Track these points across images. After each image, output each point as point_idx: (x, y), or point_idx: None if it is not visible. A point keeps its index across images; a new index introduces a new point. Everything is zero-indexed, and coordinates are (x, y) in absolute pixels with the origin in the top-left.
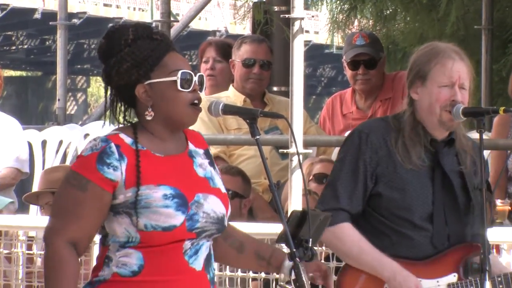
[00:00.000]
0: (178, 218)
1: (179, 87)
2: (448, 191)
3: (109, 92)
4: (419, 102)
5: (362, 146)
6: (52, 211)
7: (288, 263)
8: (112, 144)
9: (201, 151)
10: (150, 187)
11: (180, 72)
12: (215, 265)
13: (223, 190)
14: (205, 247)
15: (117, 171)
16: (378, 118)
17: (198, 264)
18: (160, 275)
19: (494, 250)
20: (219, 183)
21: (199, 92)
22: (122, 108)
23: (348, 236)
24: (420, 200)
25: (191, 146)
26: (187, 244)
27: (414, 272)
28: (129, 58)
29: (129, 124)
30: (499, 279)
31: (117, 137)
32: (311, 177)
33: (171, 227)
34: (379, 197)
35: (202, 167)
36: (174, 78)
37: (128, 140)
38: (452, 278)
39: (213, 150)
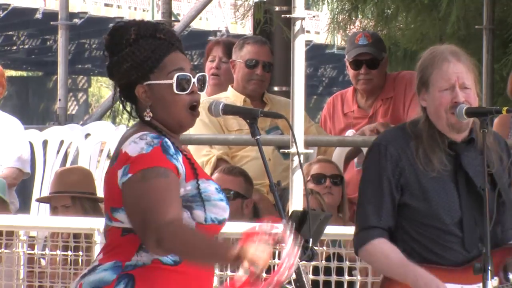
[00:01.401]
0: (227, 211)
1: (175, 90)
2: (474, 194)
3: (112, 89)
4: (428, 109)
5: (382, 160)
6: (144, 211)
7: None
8: (166, 139)
9: None
10: (204, 181)
11: (176, 75)
12: (215, 264)
13: None
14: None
15: (178, 162)
16: (395, 128)
17: None
18: (196, 268)
19: None
20: None
21: (199, 92)
22: (128, 104)
23: (378, 251)
24: (447, 206)
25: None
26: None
27: (452, 279)
28: (129, 58)
29: (141, 122)
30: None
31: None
32: (309, 178)
33: (223, 220)
34: (406, 207)
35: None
36: (170, 81)
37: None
38: (493, 282)
39: (216, 152)
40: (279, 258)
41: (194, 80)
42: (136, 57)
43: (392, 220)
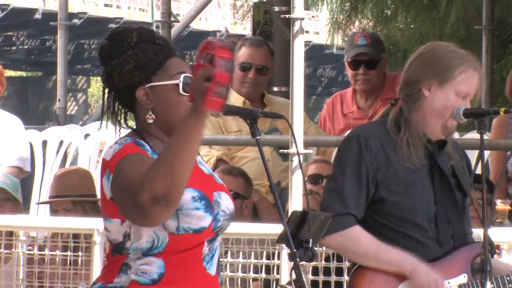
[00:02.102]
0: (206, 220)
1: (180, 91)
2: (447, 191)
3: (106, 95)
4: (429, 100)
5: (363, 151)
6: (126, 177)
7: None
8: (140, 141)
9: None
10: None
11: (182, 75)
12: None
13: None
14: (217, 248)
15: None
16: (372, 122)
17: (213, 269)
18: (179, 283)
19: (504, 250)
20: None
21: None
22: (122, 110)
23: (362, 237)
24: (423, 201)
25: None
26: (205, 250)
27: None
28: (132, 60)
29: (131, 130)
30: (508, 278)
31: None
32: (306, 178)
33: (201, 229)
34: (382, 202)
35: (203, 164)
36: (176, 82)
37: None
38: (462, 278)
39: (215, 152)
40: (278, 259)
41: None
42: (139, 59)
43: (363, 212)
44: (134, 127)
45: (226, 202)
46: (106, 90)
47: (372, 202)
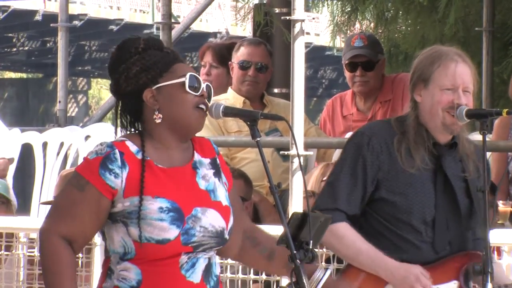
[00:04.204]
0: (171, 232)
1: (187, 88)
2: (450, 196)
3: (118, 104)
4: (422, 105)
5: (364, 149)
6: (50, 208)
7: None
8: (117, 151)
9: (207, 160)
10: (148, 198)
11: (189, 74)
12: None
13: (224, 202)
14: (203, 259)
15: (118, 178)
16: (381, 121)
17: (196, 277)
18: None
19: (496, 255)
20: (221, 195)
21: (206, 100)
22: (129, 119)
23: (345, 235)
24: (422, 204)
25: (196, 157)
26: (183, 258)
27: None
28: (139, 63)
29: (136, 132)
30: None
31: (123, 144)
32: (325, 178)
33: (165, 241)
34: (382, 201)
35: (205, 178)
36: (183, 80)
37: (133, 148)
38: (452, 285)
39: None
40: None
41: (203, 85)
42: (146, 61)
43: (357, 210)
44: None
45: (211, 220)
46: (119, 101)
47: (372, 200)
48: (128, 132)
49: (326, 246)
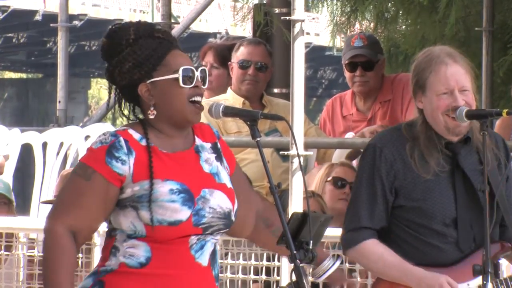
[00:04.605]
0: (184, 213)
1: (181, 84)
2: (470, 193)
3: (113, 92)
4: (424, 111)
5: (377, 161)
6: (56, 199)
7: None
8: (121, 139)
9: (208, 145)
10: (157, 181)
11: (181, 69)
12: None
13: (229, 185)
14: (210, 243)
15: (125, 165)
16: (392, 129)
17: (204, 259)
18: (167, 268)
19: None
20: (224, 178)
21: (202, 87)
22: (128, 105)
23: (371, 252)
24: (443, 206)
25: (197, 141)
26: (193, 239)
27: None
28: (131, 58)
29: (137, 121)
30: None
31: (126, 132)
32: (329, 178)
33: (177, 222)
34: (401, 208)
35: (208, 162)
36: (176, 76)
37: (136, 136)
38: (479, 281)
39: None
40: (278, 261)
41: (197, 73)
42: (137, 56)
43: (384, 222)
44: (141, 117)
45: (219, 201)
46: (112, 86)
47: (393, 208)
48: (130, 121)
49: (358, 263)
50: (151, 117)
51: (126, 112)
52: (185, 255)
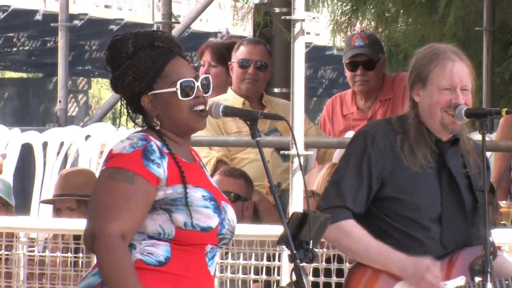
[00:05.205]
0: (214, 220)
1: (180, 97)
2: (455, 192)
3: (120, 101)
4: (421, 104)
5: (368, 147)
6: (95, 210)
7: None
8: (152, 143)
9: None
10: (190, 187)
11: (179, 82)
12: (217, 266)
13: None
14: (217, 255)
15: (160, 168)
16: (383, 120)
17: (212, 268)
18: (185, 270)
19: (505, 252)
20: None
21: (204, 96)
22: (134, 115)
23: (354, 232)
24: (428, 201)
25: (196, 157)
26: (209, 247)
27: None
28: (131, 72)
29: (146, 128)
30: (507, 282)
31: (149, 138)
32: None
33: (208, 228)
34: (387, 200)
35: (211, 178)
36: (173, 89)
37: (158, 142)
38: (460, 281)
39: (215, 154)
40: (279, 260)
41: (198, 84)
42: (137, 69)
43: (362, 208)
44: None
45: (231, 215)
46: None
47: (377, 198)
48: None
49: (333, 243)
50: (157, 128)
51: (136, 121)
52: (200, 260)
